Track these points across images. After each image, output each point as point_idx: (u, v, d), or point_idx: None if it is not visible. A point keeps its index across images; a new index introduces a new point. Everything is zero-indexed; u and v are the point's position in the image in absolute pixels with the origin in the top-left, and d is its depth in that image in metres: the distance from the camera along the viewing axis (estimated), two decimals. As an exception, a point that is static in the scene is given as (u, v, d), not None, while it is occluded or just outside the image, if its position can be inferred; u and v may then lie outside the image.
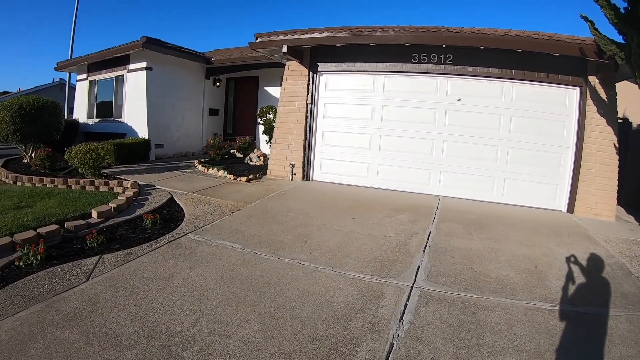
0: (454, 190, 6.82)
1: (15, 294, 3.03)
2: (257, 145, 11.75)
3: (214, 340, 2.49)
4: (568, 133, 6.28)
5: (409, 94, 7.11)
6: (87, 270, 3.49)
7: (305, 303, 3.02)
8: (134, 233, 4.63)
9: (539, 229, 5.25)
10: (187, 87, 11.80)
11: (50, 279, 3.30)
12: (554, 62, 6.14)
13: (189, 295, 3.09)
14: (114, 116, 11.53)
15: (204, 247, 4.17)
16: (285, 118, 7.99)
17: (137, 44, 9.78)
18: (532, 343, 2.60)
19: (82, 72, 12.88)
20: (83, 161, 7.19)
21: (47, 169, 7.96)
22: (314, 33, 7.15)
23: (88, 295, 3.03)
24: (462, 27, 6.34)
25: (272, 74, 11.11)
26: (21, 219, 4.69)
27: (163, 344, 2.44)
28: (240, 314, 2.82)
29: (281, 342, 2.51)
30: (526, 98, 6.44)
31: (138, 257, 3.83)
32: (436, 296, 3.22)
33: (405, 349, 2.47)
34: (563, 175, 6.31)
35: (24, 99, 8.70)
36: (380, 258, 4.00)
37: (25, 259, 3.60)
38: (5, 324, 2.61)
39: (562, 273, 3.81)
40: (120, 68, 11.08)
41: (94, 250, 4.01)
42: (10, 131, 8.39)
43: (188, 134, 12.07)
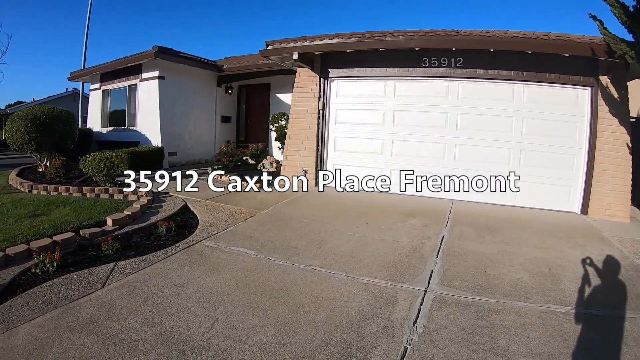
0: (467, 194, 6.78)
1: (31, 300, 3.09)
2: (270, 152, 11.81)
3: (229, 345, 2.52)
4: (580, 134, 6.22)
5: (420, 98, 7.10)
6: (103, 276, 3.55)
7: (319, 308, 3.04)
8: (149, 240, 4.69)
9: (552, 231, 5.20)
10: (199, 95, 11.93)
11: (66, 285, 3.36)
12: (565, 62, 6.10)
13: (203, 300, 3.12)
14: (127, 125, 11.72)
15: (218, 253, 4.20)
16: (297, 124, 8.04)
17: (149, 54, 9.94)
18: (547, 346, 2.58)
19: (95, 81, 13.11)
20: (97, 169, 7.32)
21: (62, 178, 8.07)
22: (324, 39, 7.20)
23: (104, 302, 3.08)
24: (471, 30, 6.33)
25: (283, 80, 11.20)
26: (37, 227, 4.78)
27: (178, 349, 2.47)
28: (255, 319, 2.84)
29: (295, 346, 2.52)
30: (537, 100, 6.39)
31: (153, 263, 3.88)
32: (450, 300, 3.20)
33: (419, 353, 2.47)
34: (576, 176, 6.24)
35: (38, 108, 8.91)
36: (394, 263, 3.99)
37: (42, 266, 3.66)
38: (23, 329, 2.66)
39: (576, 275, 3.77)
40: (133, 77, 11.26)
41: (109, 257, 4.07)
42: (25, 140, 8.59)
43: (201, 142, 12.19)
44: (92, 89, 13.34)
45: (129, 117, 11.70)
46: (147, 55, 10.06)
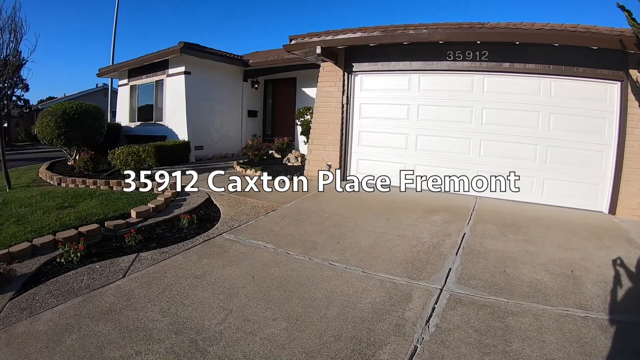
0: (491, 191, 6.63)
1: (55, 288, 3.25)
2: (296, 146, 11.85)
3: (240, 337, 2.57)
4: (609, 130, 5.94)
5: (445, 92, 6.98)
6: (124, 267, 3.67)
7: (333, 303, 3.05)
8: (171, 232, 4.82)
9: (577, 231, 5.03)
10: (226, 89, 12.08)
11: (88, 275, 3.51)
12: (593, 55, 5.84)
13: (219, 293, 3.19)
14: (154, 119, 12.00)
15: (238, 246, 4.28)
16: (321, 119, 8.05)
17: (175, 50, 10.12)
18: (562, 352, 2.49)
19: (123, 77, 13.48)
20: (125, 163, 7.54)
21: (90, 171, 8.34)
22: (347, 33, 7.17)
23: (123, 291, 3.19)
24: (497, 23, 6.15)
25: (309, 75, 11.17)
26: (63, 219, 4.98)
27: (191, 339, 2.54)
28: (268, 313, 2.89)
29: (305, 341, 2.55)
30: (565, 94, 6.15)
31: (173, 255, 3.99)
32: (465, 300, 3.15)
33: (428, 353, 2.45)
34: (604, 174, 5.98)
35: (67, 104, 9.22)
36: (412, 260, 3.96)
37: (66, 256, 3.83)
38: (45, 316, 2.81)
39: (600, 278, 3.63)
40: (160, 73, 11.51)
41: (132, 248, 4.21)
42: (55, 135, 8.92)
43: (227, 136, 12.37)
44: (121, 84, 13.74)
45: (156, 111, 11.98)
46: (173, 51, 10.25)
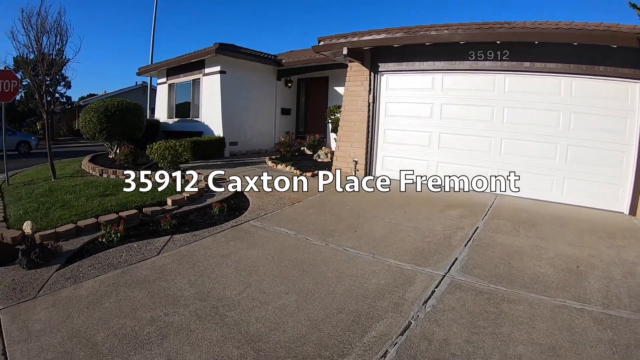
0: (511, 189, 6.72)
1: (97, 262, 3.76)
2: (327, 143, 12.16)
3: (255, 305, 2.95)
4: (631, 130, 5.88)
5: (467, 91, 7.11)
6: (159, 247, 4.14)
7: (341, 282, 3.36)
8: (203, 219, 5.27)
9: (593, 230, 5.07)
10: (260, 88, 12.57)
11: (127, 252, 4.00)
12: (614, 54, 5.79)
13: (241, 269, 3.59)
14: (191, 116, 12.66)
15: (262, 232, 4.68)
16: (348, 117, 8.35)
17: (211, 50, 10.66)
18: (550, 338, 2.60)
19: (161, 76, 14.24)
20: (162, 157, 8.08)
21: (130, 164, 8.94)
22: (372, 35, 7.44)
23: (157, 266, 3.65)
24: (516, 22, 6.24)
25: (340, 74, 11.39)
26: (105, 205, 5.52)
27: (212, 305, 2.94)
28: (282, 287, 3.25)
29: (311, 312, 2.88)
30: (585, 93, 6.13)
31: (203, 237, 4.44)
32: (465, 286, 3.36)
33: (420, 329, 2.70)
34: (625, 175, 5.93)
35: (109, 101, 9.84)
36: (421, 249, 4.20)
37: (107, 236, 4.33)
38: (87, 283, 3.31)
39: (605, 275, 3.69)
40: (196, 72, 12.13)
41: (167, 231, 4.67)
42: (97, 130, 9.53)
43: (261, 132, 12.87)
44: (159, 82, 14.51)
45: (193, 109, 12.63)
46: (208, 51, 10.81)
